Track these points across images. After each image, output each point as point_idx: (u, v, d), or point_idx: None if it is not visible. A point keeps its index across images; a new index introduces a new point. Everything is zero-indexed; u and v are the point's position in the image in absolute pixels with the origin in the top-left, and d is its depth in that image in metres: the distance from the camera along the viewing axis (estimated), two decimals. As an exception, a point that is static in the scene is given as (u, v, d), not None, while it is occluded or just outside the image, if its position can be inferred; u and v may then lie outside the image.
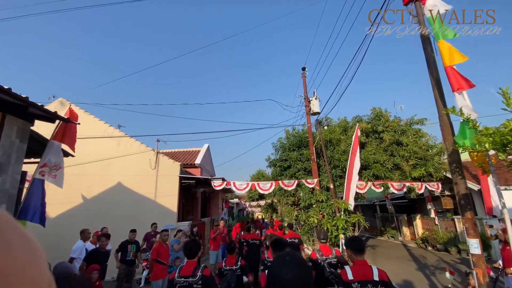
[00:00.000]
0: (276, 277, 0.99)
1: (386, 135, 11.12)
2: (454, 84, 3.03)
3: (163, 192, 9.50)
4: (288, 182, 10.26)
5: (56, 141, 3.39)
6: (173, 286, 2.71)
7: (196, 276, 2.71)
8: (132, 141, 10.17)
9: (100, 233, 5.48)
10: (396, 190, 10.26)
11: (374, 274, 2.37)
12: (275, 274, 1.01)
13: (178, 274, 2.75)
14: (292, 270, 1.00)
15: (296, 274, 0.98)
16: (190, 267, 2.77)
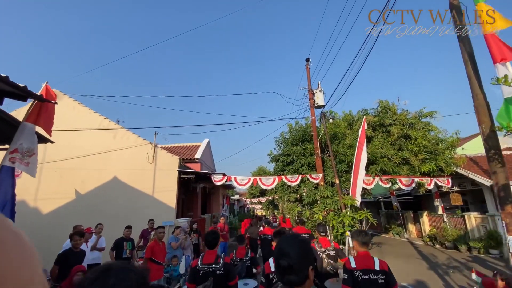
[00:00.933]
0: (281, 252, 1.12)
1: (394, 129, 10.65)
2: (496, 54, 2.59)
3: (161, 187, 9.07)
4: (292, 177, 9.83)
5: (30, 123, 2.95)
6: (196, 273, 2.89)
7: (219, 264, 2.93)
8: (128, 134, 9.72)
9: (73, 231, 4.69)
10: (404, 185, 9.82)
11: (376, 264, 2.56)
12: (280, 249, 1.13)
13: (201, 262, 2.96)
14: (294, 245, 1.13)
15: (298, 249, 1.11)
16: (212, 256, 2.98)
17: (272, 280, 2.69)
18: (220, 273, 2.90)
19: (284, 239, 1.19)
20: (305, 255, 1.12)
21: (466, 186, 11.48)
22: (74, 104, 10.13)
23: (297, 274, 1.07)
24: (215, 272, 2.90)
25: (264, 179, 9.52)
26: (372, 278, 2.52)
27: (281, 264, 1.09)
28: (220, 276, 2.89)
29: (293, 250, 1.11)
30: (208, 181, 12.60)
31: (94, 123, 9.76)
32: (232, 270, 3.02)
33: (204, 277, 2.82)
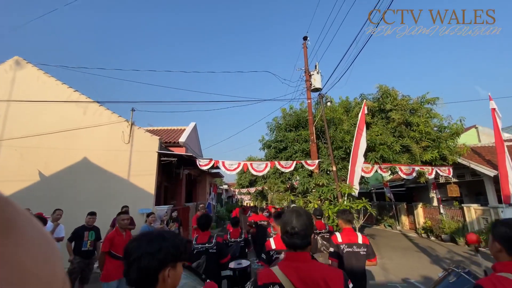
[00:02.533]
0: (286, 223, 1.34)
1: (394, 114, 9.94)
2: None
3: (138, 171, 8.01)
4: (286, 163, 8.99)
5: None
6: (191, 253, 3.17)
7: (212, 243, 3.24)
8: (101, 109, 8.53)
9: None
10: (404, 174, 9.20)
11: (359, 238, 2.90)
12: (286, 221, 1.36)
13: (195, 242, 3.26)
14: (297, 217, 1.34)
15: (301, 221, 1.33)
16: (205, 236, 3.30)
17: (272, 256, 2.84)
18: (212, 251, 3.20)
19: (291, 211, 1.41)
20: (308, 224, 1.34)
21: (465, 177, 11.03)
22: (38, 74, 8.78)
23: (301, 239, 1.29)
24: (208, 251, 3.18)
25: (256, 164, 8.63)
26: (355, 250, 2.85)
27: (288, 230, 1.31)
28: (213, 254, 3.18)
29: (298, 219, 1.33)
30: (194, 167, 11.61)
31: (62, 96, 8.49)
32: (224, 249, 3.32)
33: (198, 256, 3.00)
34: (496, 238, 1.42)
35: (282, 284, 1.23)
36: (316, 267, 1.29)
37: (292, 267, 1.27)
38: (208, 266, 2.63)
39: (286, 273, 1.25)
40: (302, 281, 1.23)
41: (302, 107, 12.49)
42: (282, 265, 1.31)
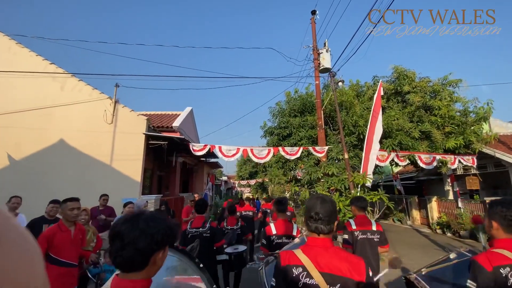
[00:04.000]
0: (311, 209, 1.36)
1: (413, 97, 8.86)
2: None
3: (122, 155, 6.99)
4: (291, 149, 7.96)
5: None
6: (185, 236, 3.32)
7: (206, 227, 3.38)
8: (81, 85, 7.45)
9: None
10: (424, 164, 8.18)
11: (373, 225, 2.95)
12: (311, 206, 1.38)
13: (190, 226, 3.41)
14: (322, 203, 1.36)
15: (326, 207, 1.34)
16: (200, 220, 3.43)
17: (273, 241, 2.92)
18: (206, 235, 3.32)
19: (316, 197, 1.43)
20: (333, 210, 1.37)
21: (487, 168, 10.03)
22: (9, 44, 7.66)
23: (326, 224, 1.32)
24: (202, 235, 3.29)
25: (257, 150, 7.60)
26: (369, 237, 2.88)
27: (313, 215, 1.34)
28: (207, 238, 3.29)
29: (323, 205, 1.35)
30: (188, 154, 10.57)
31: (37, 69, 7.39)
32: (218, 233, 3.44)
33: (192, 240, 3.08)
34: (492, 217, 1.48)
35: (305, 266, 1.26)
36: (338, 253, 1.32)
37: (315, 252, 1.30)
38: (201, 250, 2.67)
39: (309, 256, 1.28)
40: (325, 265, 1.26)
41: (308, 91, 11.40)
42: (304, 248, 1.35)
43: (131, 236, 0.89)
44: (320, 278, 1.23)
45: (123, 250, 0.88)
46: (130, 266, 0.90)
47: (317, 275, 1.24)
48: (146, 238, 0.90)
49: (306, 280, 1.24)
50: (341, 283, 1.22)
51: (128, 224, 0.91)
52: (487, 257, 1.40)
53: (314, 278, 1.24)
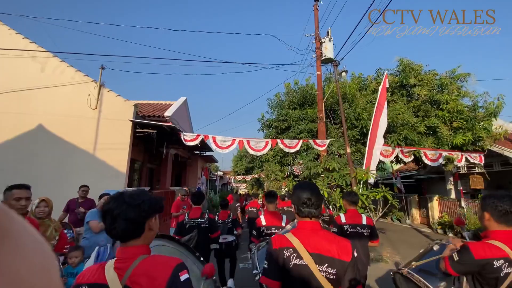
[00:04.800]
0: (303, 194, 1.42)
1: (420, 90, 8.40)
2: None
3: (107, 144, 6.43)
4: (290, 142, 7.46)
5: None
6: (183, 227, 3.48)
7: (204, 218, 3.57)
8: (63, 66, 6.83)
9: None
10: (429, 160, 7.76)
11: (363, 219, 2.98)
12: (302, 193, 1.44)
13: (188, 217, 3.58)
14: (312, 189, 1.45)
15: (316, 192, 1.45)
16: (197, 212, 3.63)
17: (263, 232, 3.03)
18: (205, 226, 3.50)
19: (303, 184, 1.53)
20: (320, 195, 1.49)
21: (493, 166, 9.66)
22: (-15, 20, 6.98)
23: (316, 208, 1.42)
24: (200, 225, 3.45)
25: (254, 142, 7.09)
26: (359, 231, 2.90)
27: (306, 201, 1.41)
28: (205, 229, 3.46)
29: (313, 190, 1.45)
30: (181, 145, 10.04)
31: (16, 47, 6.75)
32: (215, 225, 3.64)
33: (190, 230, 3.22)
34: (485, 208, 1.56)
35: (296, 248, 1.33)
36: (327, 235, 1.40)
37: (305, 234, 1.38)
38: (199, 241, 2.77)
39: (299, 239, 1.35)
40: (314, 247, 1.33)
41: (308, 83, 10.88)
42: (295, 232, 1.42)
43: (119, 210, 1.01)
44: (309, 258, 1.31)
45: (115, 223, 1.00)
46: (126, 236, 1.03)
47: (306, 255, 1.31)
48: (133, 209, 1.02)
49: (296, 261, 1.32)
50: (328, 262, 1.30)
51: (114, 201, 1.04)
52: (481, 247, 1.46)
53: (303, 258, 1.31)
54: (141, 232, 1.05)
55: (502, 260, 1.39)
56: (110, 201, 1.05)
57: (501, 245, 1.42)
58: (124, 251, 1.04)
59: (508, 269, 1.40)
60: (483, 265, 1.42)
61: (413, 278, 1.84)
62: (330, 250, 1.32)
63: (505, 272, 1.40)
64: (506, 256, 1.41)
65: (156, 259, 1.05)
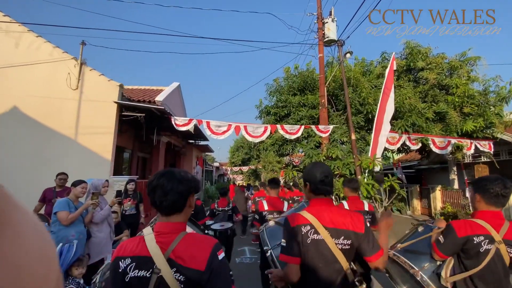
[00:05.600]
0: (320, 174, 1.47)
1: (428, 74, 7.89)
2: None
3: (90, 128, 5.84)
4: (291, 128, 6.93)
5: None
6: (213, 214, 4.48)
7: (229, 206, 4.64)
8: (40, 41, 6.14)
9: None
10: (437, 148, 7.32)
11: (365, 206, 3.00)
12: (318, 172, 1.49)
13: (217, 206, 4.64)
14: (321, 168, 1.52)
15: (324, 170, 1.51)
16: (224, 202, 4.67)
17: (265, 216, 3.12)
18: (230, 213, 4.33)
19: (317, 163, 1.60)
20: (332, 173, 1.56)
21: (500, 155, 9.30)
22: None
23: (331, 186, 1.51)
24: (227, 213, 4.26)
25: (251, 127, 6.55)
26: None
27: (323, 179, 1.47)
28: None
29: (327, 169, 1.53)
30: (174, 134, 9.48)
31: (-16, 21, 6.02)
32: (200, 212, 4.13)
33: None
34: (476, 190, 1.60)
35: (312, 224, 1.39)
36: (340, 210, 1.48)
37: (320, 211, 1.44)
38: None
39: (315, 215, 1.41)
40: (330, 221, 1.40)
41: (309, 67, 10.28)
42: (310, 209, 1.47)
43: (171, 184, 1.09)
44: (326, 232, 1.37)
45: (167, 195, 1.08)
46: (173, 208, 1.11)
47: (323, 230, 1.37)
48: (183, 184, 1.11)
49: (314, 236, 1.37)
50: (344, 235, 1.38)
51: (165, 177, 1.11)
52: (464, 225, 1.56)
53: (320, 233, 1.37)
54: (184, 206, 1.13)
55: (482, 237, 1.47)
56: (159, 178, 1.10)
57: (483, 223, 1.50)
58: (166, 225, 1.10)
59: (488, 246, 1.46)
60: (464, 242, 1.50)
61: (398, 260, 1.82)
62: (345, 223, 1.39)
63: (485, 248, 1.46)
64: (487, 233, 1.48)
65: (197, 237, 1.14)
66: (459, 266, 1.58)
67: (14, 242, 0.22)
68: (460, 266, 1.57)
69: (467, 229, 1.50)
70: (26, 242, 0.24)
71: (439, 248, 1.59)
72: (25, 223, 0.24)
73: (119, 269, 1.04)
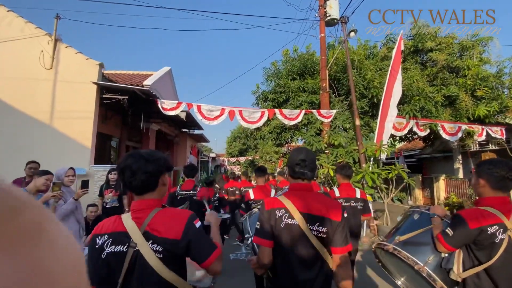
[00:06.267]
0: (297, 156, 1.42)
1: (438, 55, 7.32)
2: None
3: (67, 112, 5.25)
4: (290, 112, 6.38)
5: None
6: (174, 198, 3.47)
7: (197, 191, 3.54)
8: (10, 16, 5.47)
9: None
10: (447, 134, 6.85)
11: (357, 193, 2.88)
12: (296, 155, 1.44)
13: (180, 188, 3.55)
14: (306, 152, 1.45)
15: (310, 155, 1.45)
16: (190, 184, 3.59)
17: (251, 206, 3.00)
18: (196, 199, 3.42)
19: (299, 148, 1.54)
20: (315, 158, 1.48)
21: (511, 142, 8.87)
22: None
23: (310, 170, 1.42)
24: (192, 198, 3.43)
25: (247, 112, 5.99)
26: (353, 205, 2.83)
27: (299, 162, 1.40)
28: (196, 201, 3.36)
29: (308, 153, 1.45)
30: (167, 122, 8.90)
31: None
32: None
33: (181, 201, 3.35)
34: (479, 174, 1.48)
35: (287, 209, 1.35)
36: (318, 196, 1.44)
37: (297, 195, 1.40)
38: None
39: (291, 200, 1.37)
40: (305, 207, 1.35)
41: (309, 50, 9.64)
42: (287, 193, 1.44)
43: (138, 164, 1.07)
44: (300, 217, 1.32)
45: (135, 175, 1.06)
46: (144, 188, 1.09)
47: (297, 215, 1.33)
48: (151, 163, 1.09)
49: (288, 221, 1.34)
50: (319, 221, 1.32)
51: (132, 158, 1.09)
52: (475, 215, 1.40)
53: (295, 218, 1.33)
54: (156, 185, 1.11)
55: (497, 226, 1.36)
56: (126, 159, 1.10)
57: (495, 211, 1.39)
58: (140, 203, 1.11)
59: (502, 235, 1.36)
60: (478, 234, 1.37)
61: (400, 255, 1.67)
62: (321, 209, 1.34)
63: (500, 238, 1.36)
64: (500, 222, 1.37)
65: (172, 210, 1.17)
66: (469, 258, 1.44)
67: (50, 254, 0.22)
68: (470, 258, 1.44)
69: (480, 219, 1.37)
70: (61, 254, 0.24)
71: (447, 241, 1.44)
72: (59, 235, 0.24)
73: (96, 246, 1.05)
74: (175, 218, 1.09)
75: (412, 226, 1.78)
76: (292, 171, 1.44)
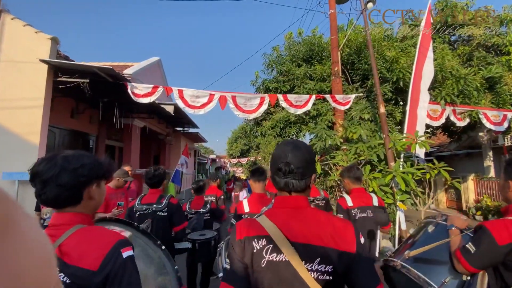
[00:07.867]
0: (278, 159, 0.90)
1: (475, 30, 6.07)
2: None
3: (10, 101, 4.08)
4: (298, 99, 5.15)
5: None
6: (132, 214, 2.49)
7: (162, 204, 2.49)
8: None
9: None
10: (491, 123, 5.56)
11: (374, 200, 2.39)
12: (278, 155, 0.92)
13: (139, 202, 2.52)
14: (294, 150, 0.89)
15: (299, 155, 0.89)
16: (154, 195, 2.54)
17: None
18: (162, 215, 2.48)
19: (285, 142, 0.97)
20: (309, 159, 0.91)
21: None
22: None
23: (298, 178, 0.88)
24: (156, 213, 2.47)
25: (243, 98, 4.76)
26: (370, 216, 2.31)
27: (281, 166, 0.88)
28: (162, 219, 2.47)
29: (295, 152, 0.89)
30: (153, 117, 7.73)
31: None
32: (178, 213, 2.58)
33: (141, 220, 2.33)
34: (510, 176, 1.20)
35: (271, 236, 0.84)
36: (317, 215, 0.88)
37: (285, 215, 0.89)
38: (156, 234, 1.73)
39: (276, 223, 0.87)
40: (299, 233, 0.85)
41: (315, 33, 8.44)
42: (270, 212, 0.92)
43: (50, 173, 0.82)
44: (292, 251, 0.81)
45: (45, 188, 0.83)
46: (58, 203, 0.86)
47: (287, 247, 0.82)
48: (68, 173, 0.83)
49: (272, 257, 0.83)
50: (321, 256, 0.81)
51: (45, 163, 0.84)
52: (505, 227, 1.07)
53: (283, 252, 0.82)
54: (78, 200, 0.87)
55: None
56: (40, 163, 0.85)
57: None
58: (59, 217, 0.87)
59: None
60: (508, 252, 1.05)
61: (409, 273, 1.27)
62: (322, 236, 0.83)
63: None
64: None
65: (98, 231, 0.88)
66: (496, 283, 1.10)
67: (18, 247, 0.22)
68: (498, 282, 1.10)
69: (511, 233, 1.03)
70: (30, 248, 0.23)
71: (468, 259, 1.08)
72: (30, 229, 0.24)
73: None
74: (97, 242, 0.82)
75: (426, 241, 1.43)
76: (273, 180, 0.94)
